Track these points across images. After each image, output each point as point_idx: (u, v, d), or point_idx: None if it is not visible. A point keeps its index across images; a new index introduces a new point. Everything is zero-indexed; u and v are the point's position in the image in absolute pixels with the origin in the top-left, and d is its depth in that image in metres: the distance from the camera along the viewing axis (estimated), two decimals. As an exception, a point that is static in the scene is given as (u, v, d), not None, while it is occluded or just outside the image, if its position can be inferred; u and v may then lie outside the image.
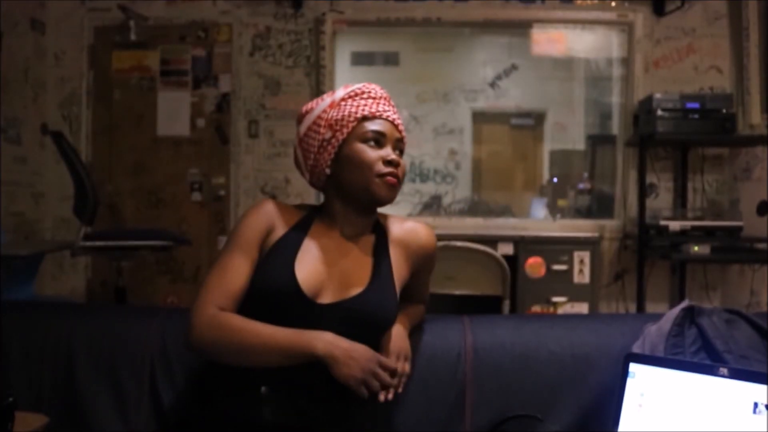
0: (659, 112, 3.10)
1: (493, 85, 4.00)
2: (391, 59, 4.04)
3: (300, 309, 1.16)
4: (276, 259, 1.20)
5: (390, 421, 1.28)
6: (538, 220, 3.70)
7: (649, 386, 1.15)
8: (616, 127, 3.72)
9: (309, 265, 1.20)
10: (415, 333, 1.34)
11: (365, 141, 1.24)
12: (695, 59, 3.54)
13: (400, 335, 1.25)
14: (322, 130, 1.25)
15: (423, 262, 1.34)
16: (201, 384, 1.23)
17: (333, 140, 1.24)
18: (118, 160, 3.68)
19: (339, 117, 1.25)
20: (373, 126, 1.25)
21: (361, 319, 1.19)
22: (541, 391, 1.31)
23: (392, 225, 1.34)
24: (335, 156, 1.24)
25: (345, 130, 1.24)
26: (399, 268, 1.28)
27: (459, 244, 2.56)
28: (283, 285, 1.17)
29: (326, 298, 1.19)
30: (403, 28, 3.82)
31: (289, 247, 1.22)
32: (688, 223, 3.15)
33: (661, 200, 3.54)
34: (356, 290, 1.20)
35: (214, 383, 1.18)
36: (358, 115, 1.24)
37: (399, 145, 1.28)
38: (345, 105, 1.26)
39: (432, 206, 3.94)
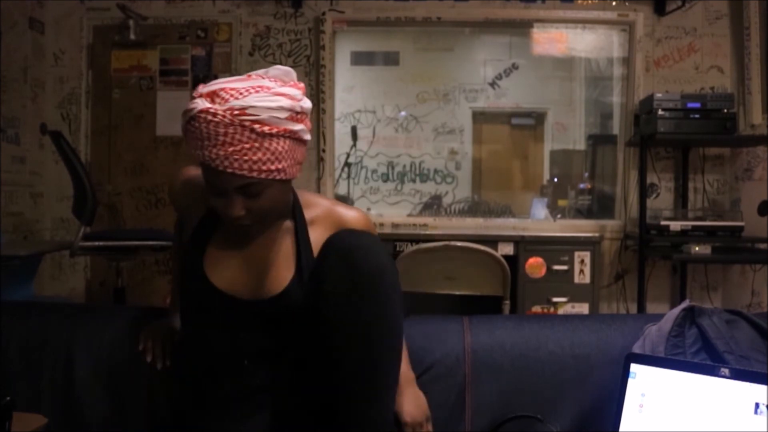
0: (660, 112, 3.10)
1: (493, 84, 4.00)
2: (391, 59, 4.04)
3: (223, 307, 1.16)
4: (189, 259, 1.19)
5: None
6: (539, 220, 3.70)
7: (650, 387, 1.15)
8: (616, 127, 3.72)
9: (222, 263, 1.17)
10: (414, 333, 1.34)
11: (209, 191, 1.09)
12: (696, 59, 3.54)
13: (417, 397, 1.21)
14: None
15: None
16: (186, 366, 1.24)
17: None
18: (117, 160, 3.67)
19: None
20: (208, 177, 1.07)
21: (288, 318, 1.15)
22: (542, 392, 1.31)
23: (313, 209, 1.24)
24: None
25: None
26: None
27: (459, 244, 2.55)
28: (198, 288, 1.17)
29: (246, 294, 1.16)
30: (403, 28, 3.82)
31: (199, 243, 1.18)
32: (688, 223, 3.14)
33: (662, 200, 3.54)
34: (278, 286, 1.16)
35: (198, 366, 1.19)
36: (196, 158, 1.06)
37: (249, 189, 1.06)
38: (188, 137, 1.06)
39: (432, 206, 3.94)
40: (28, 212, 3.45)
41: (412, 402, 1.20)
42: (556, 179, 4.00)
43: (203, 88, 1.05)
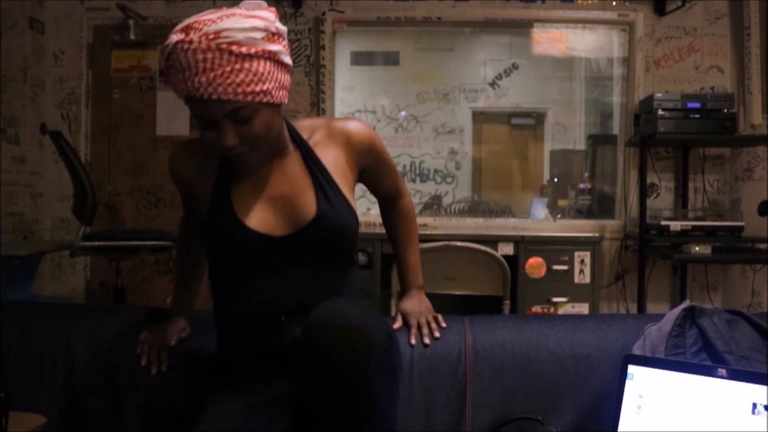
0: (660, 112, 3.10)
1: (493, 84, 4.00)
2: (391, 59, 4.04)
3: (263, 249, 1.16)
4: (218, 217, 1.18)
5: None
6: (539, 220, 3.69)
7: (648, 388, 1.15)
8: (616, 127, 3.72)
9: (251, 204, 1.18)
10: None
11: (199, 124, 1.09)
12: (696, 59, 3.54)
13: (421, 299, 1.41)
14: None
15: (361, 154, 1.26)
16: (221, 327, 1.25)
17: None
18: (117, 159, 3.67)
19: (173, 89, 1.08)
20: (195, 111, 1.07)
21: (323, 244, 1.18)
22: (542, 392, 1.30)
23: (313, 132, 1.25)
24: None
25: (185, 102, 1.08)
26: (339, 171, 1.23)
27: (459, 244, 2.55)
28: (234, 236, 1.16)
29: (281, 230, 1.17)
30: (403, 28, 3.81)
31: (223, 197, 1.18)
32: (689, 223, 3.14)
33: (662, 200, 3.54)
34: (308, 214, 1.17)
35: (233, 324, 1.21)
36: (180, 96, 1.07)
37: (239, 114, 1.05)
38: (168, 75, 1.07)
39: (432, 206, 3.93)
40: (28, 212, 3.45)
41: (415, 301, 1.41)
42: (556, 179, 4.00)
43: (176, 28, 1.05)
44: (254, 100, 1.05)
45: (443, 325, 1.38)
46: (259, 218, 1.17)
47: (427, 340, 1.33)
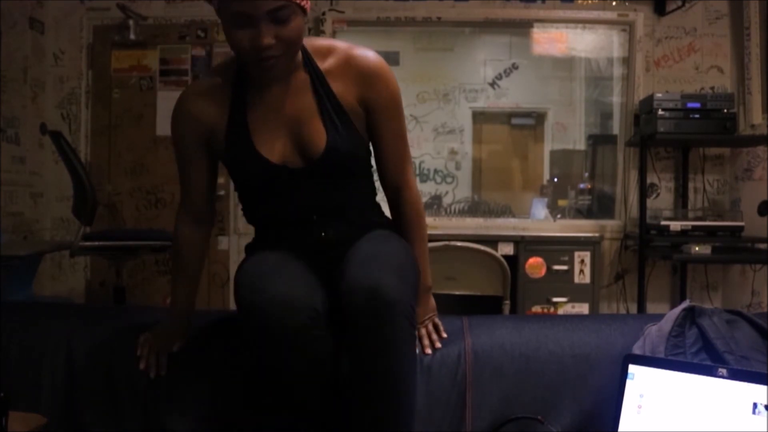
0: (660, 112, 3.09)
1: (493, 84, 4.00)
2: (391, 59, 4.03)
3: (285, 178, 1.23)
4: (239, 150, 1.23)
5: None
6: (539, 220, 3.69)
7: (649, 387, 1.15)
8: (616, 127, 3.71)
9: (267, 136, 1.22)
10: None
11: (232, 24, 1.10)
12: (696, 59, 3.54)
13: (427, 300, 1.37)
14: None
15: (371, 88, 1.25)
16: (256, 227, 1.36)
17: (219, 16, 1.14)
18: (117, 159, 3.67)
19: None
20: (236, 7, 1.08)
21: (334, 172, 1.24)
22: (542, 392, 1.30)
23: (328, 56, 1.25)
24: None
25: (216, 4, 1.12)
26: (349, 104, 1.24)
27: (459, 244, 2.55)
28: (256, 169, 1.22)
29: (297, 162, 1.23)
30: (403, 28, 3.81)
31: (241, 129, 1.23)
32: (689, 223, 3.14)
33: (662, 200, 3.54)
34: (318, 147, 1.21)
35: (265, 226, 1.33)
36: None
37: (278, 14, 1.09)
38: None
39: (432, 206, 3.93)
40: (28, 212, 3.45)
41: (420, 306, 1.32)
42: (556, 179, 4.00)
43: None
44: (294, 1, 1.09)
45: (444, 335, 1.36)
46: (277, 151, 1.22)
47: (428, 351, 1.32)
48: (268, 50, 1.10)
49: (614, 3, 3.58)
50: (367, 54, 1.26)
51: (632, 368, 1.17)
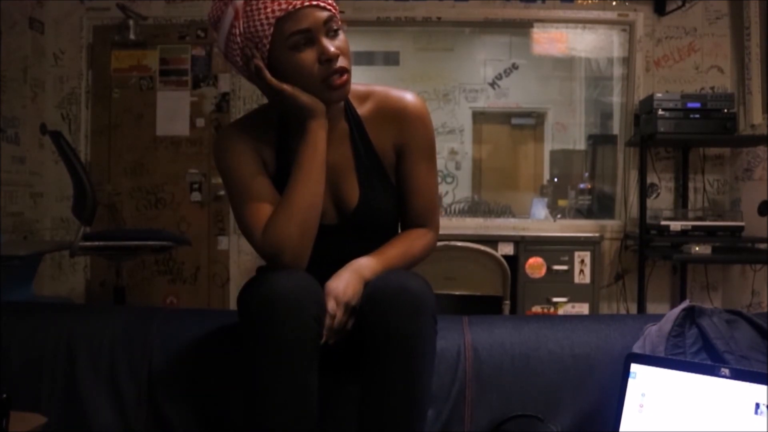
0: (660, 112, 3.09)
1: (493, 84, 4.00)
2: (391, 59, 4.04)
3: (317, 234, 1.16)
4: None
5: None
6: (539, 220, 3.69)
7: (650, 387, 1.15)
8: (616, 127, 3.72)
9: None
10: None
11: (293, 47, 1.07)
12: (696, 59, 3.54)
13: (347, 279, 1.13)
14: (240, 47, 1.09)
15: (405, 131, 1.22)
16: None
17: (258, 55, 1.09)
18: (117, 159, 3.67)
19: (252, 30, 1.07)
20: (294, 26, 1.06)
21: (366, 228, 1.23)
22: (542, 392, 1.30)
23: (366, 100, 1.23)
24: (270, 70, 1.10)
25: (266, 41, 1.08)
26: (385, 152, 1.23)
27: (459, 244, 2.55)
28: None
29: (330, 218, 1.21)
30: (403, 28, 3.82)
31: (287, 176, 1.15)
32: (689, 223, 3.14)
33: (662, 200, 3.54)
34: (351, 203, 1.21)
35: None
36: (272, 20, 1.06)
37: (331, 25, 1.09)
38: (251, 11, 1.07)
39: (432, 206, 3.93)
40: (28, 212, 3.45)
41: (344, 281, 1.12)
42: (556, 179, 4.00)
43: None
44: (336, 12, 1.11)
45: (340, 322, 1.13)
46: None
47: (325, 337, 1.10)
48: (335, 62, 1.08)
49: (614, 3, 3.58)
50: (405, 95, 1.24)
51: (634, 367, 1.17)
